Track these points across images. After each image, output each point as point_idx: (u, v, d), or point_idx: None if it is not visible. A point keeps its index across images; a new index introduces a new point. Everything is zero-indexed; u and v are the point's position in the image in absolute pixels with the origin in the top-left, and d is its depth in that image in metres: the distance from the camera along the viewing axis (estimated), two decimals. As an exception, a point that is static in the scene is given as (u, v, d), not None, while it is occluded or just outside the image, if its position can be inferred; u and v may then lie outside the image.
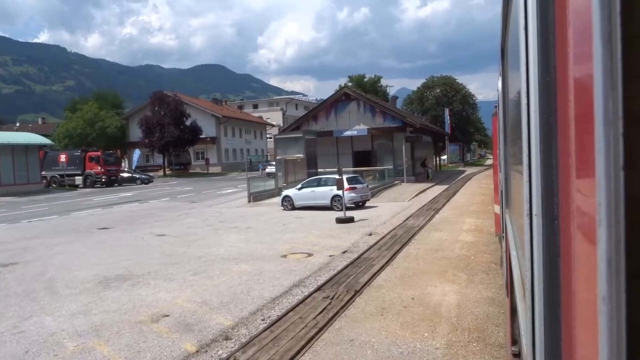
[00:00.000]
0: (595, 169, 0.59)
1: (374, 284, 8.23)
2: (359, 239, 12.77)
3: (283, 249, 11.82)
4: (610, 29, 0.56)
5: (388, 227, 14.43)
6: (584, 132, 0.67)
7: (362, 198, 19.67)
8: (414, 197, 23.11)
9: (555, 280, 1.00)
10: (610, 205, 0.57)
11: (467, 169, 50.57)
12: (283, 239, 13.36)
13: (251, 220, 17.71)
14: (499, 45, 3.34)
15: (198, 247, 12.75)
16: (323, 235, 13.50)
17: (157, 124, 49.60)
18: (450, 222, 14.97)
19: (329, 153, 32.77)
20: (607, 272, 0.57)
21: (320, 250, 11.45)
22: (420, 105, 59.63)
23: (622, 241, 0.56)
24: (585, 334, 0.70)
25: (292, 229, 14.94)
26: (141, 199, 29.58)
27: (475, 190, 25.71)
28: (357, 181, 19.95)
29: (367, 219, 16.42)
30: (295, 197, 20.26)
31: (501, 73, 3.72)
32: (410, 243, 11.74)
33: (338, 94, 30.88)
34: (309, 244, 12.31)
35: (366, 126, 30.73)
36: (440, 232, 13.17)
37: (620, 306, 0.56)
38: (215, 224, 17.25)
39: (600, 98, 0.57)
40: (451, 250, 10.66)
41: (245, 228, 15.81)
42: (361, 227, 14.55)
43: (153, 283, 9.14)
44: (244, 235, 14.23)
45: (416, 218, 15.94)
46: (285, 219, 17.75)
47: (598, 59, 0.57)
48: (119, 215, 21.72)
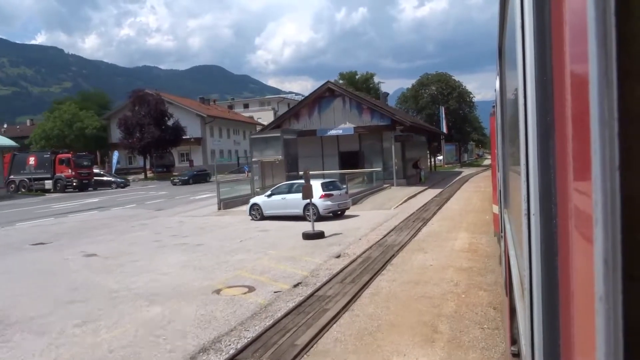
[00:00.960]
0: (592, 169, 0.59)
1: (316, 349, 5.62)
2: (323, 263, 10.15)
3: (222, 279, 9.21)
4: (605, 29, 0.56)
5: (363, 245, 11.81)
6: (581, 132, 0.67)
7: (340, 206, 17.06)
8: (402, 203, 20.49)
9: (553, 280, 1.01)
10: (607, 205, 0.57)
11: (464, 170, 47.86)
12: (231, 262, 10.74)
13: (208, 235, 15.09)
14: (497, 45, 3.36)
15: (121, 274, 10.15)
16: (280, 258, 10.88)
17: (137, 124, 46.94)
18: (439, 238, 12.35)
19: (313, 154, 30.15)
20: (604, 271, 0.57)
21: (267, 282, 8.82)
22: (415, 104, 56.88)
23: (618, 241, 0.57)
24: (583, 334, 0.71)
25: (247, 248, 12.31)
26: (105, 206, 26.96)
27: (471, 195, 23.07)
28: (334, 187, 17.34)
29: (341, 232, 13.80)
30: (264, 206, 17.64)
31: (499, 73, 3.79)
32: (384, 271, 9.12)
33: (321, 90, 28.21)
34: (257, 271, 9.69)
35: (352, 125, 28.10)
36: (425, 253, 10.56)
37: (617, 306, 0.56)
38: (164, 239, 14.64)
39: (596, 98, 0.58)
40: (435, 284, 8.04)
41: (194, 245, 13.19)
42: (330, 246, 11.93)
43: (16, 339, 6.53)
44: (187, 257, 11.61)
45: (399, 232, 13.32)
46: (247, 232, 15.13)
47: (593, 59, 0.58)
48: (67, 226, 19.10)
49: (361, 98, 29.10)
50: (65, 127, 53.01)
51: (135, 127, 46.92)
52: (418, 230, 13.63)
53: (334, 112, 28.37)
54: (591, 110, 0.59)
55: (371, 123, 27.82)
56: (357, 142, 29.85)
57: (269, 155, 24.91)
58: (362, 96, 31.61)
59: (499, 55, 3.33)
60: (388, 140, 28.13)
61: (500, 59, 3.29)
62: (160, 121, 47.91)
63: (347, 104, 28.12)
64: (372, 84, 59.37)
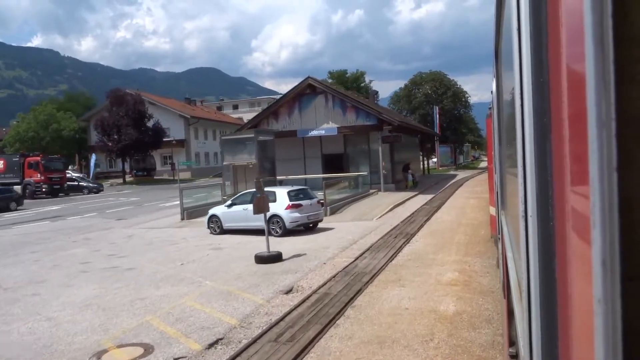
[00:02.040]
0: (589, 170, 0.59)
1: None
2: (265, 303, 7.66)
3: (120, 330, 6.73)
4: (602, 31, 0.56)
5: (326, 273, 9.34)
6: (578, 133, 0.67)
7: (311, 219, 14.56)
8: (386, 212, 18.02)
9: (551, 282, 1.01)
10: (604, 206, 0.57)
11: (459, 173, 45.33)
12: (150, 298, 8.26)
13: (149, 254, 12.61)
14: (493, 46, 3.39)
15: (0, 317, 7.67)
16: (214, 293, 8.39)
17: (114, 125, 44.33)
18: (423, 262, 9.89)
19: (294, 157, 27.72)
20: (602, 273, 0.57)
21: (175, 338, 6.33)
22: (407, 104, 54.35)
23: (616, 242, 0.56)
24: (582, 336, 0.71)
25: (182, 276, 9.81)
26: (63, 215, 24.42)
27: (465, 202, 20.60)
28: (305, 195, 14.85)
29: (305, 253, 11.32)
30: (224, 218, 15.15)
31: (495, 74, 3.84)
32: (340, 319, 6.65)
33: (301, 86, 25.69)
34: (173, 317, 7.19)
35: (336, 124, 25.63)
36: (402, 287, 8.09)
37: (616, 307, 0.56)
38: (96, 261, 12.17)
39: (593, 99, 0.58)
40: (407, 346, 5.58)
41: (124, 271, 10.71)
42: (285, 274, 9.45)
43: None
44: (102, 290, 9.11)
45: (375, 253, 10.84)
46: (196, 251, 12.64)
47: (590, 60, 0.58)
48: (0, 240, 16.61)
49: (345, 95, 26.61)
50: (41, 129, 50.39)
51: (112, 129, 44.32)
52: (399, 250, 11.17)
53: (316, 111, 25.91)
54: (589, 111, 0.58)
55: (356, 123, 25.37)
56: (341, 144, 27.42)
57: (241, 159, 22.41)
58: (346, 93, 29.14)
59: (495, 57, 3.39)
60: (375, 142, 25.69)
61: (497, 60, 3.35)
62: (140, 122, 45.27)
63: (330, 101, 25.66)
64: (363, 83, 56.76)
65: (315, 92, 25.84)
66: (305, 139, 27.26)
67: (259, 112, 29.22)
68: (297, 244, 12.55)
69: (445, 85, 53.91)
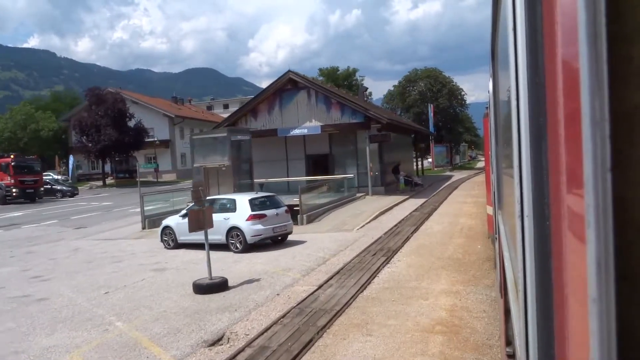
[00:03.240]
0: (584, 170, 0.60)
1: None
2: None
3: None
4: (596, 30, 0.57)
5: (275, 311, 7.20)
6: (573, 133, 0.67)
7: (277, 231, 12.39)
8: (370, 220, 15.90)
9: (547, 282, 1.00)
10: (599, 206, 0.57)
11: (455, 174, 43.12)
12: (26, 353, 6.14)
13: (79, 276, 10.52)
14: (489, 47, 3.37)
15: None
16: (116, 345, 6.24)
17: (92, 125, 42.14)
18: (402, 293, 7.76)
19: (275, 158, 25.63)
20: (597, 273, 0.57)
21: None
22: (401, 102, 52.12)
23: (611, 242, 0.57)
24: (578, 335, 0.71)
25: (90, 315, 7.64)
26: (20, 223, 22.35)
27: (459, 209, 18.45)
28: (271, 204, 12.70)
29: (259, 279, 9.17)
30: (178, 229, 13.00)
31: (492, 74, 3.80)
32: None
33: (281, 81, 23.49)
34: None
35: (320, 122, 23.50)
36: (369, 337, 5.97)
37: (610, 307, 0.57)
38: (11, 285, 10.15)
39: (587, 99, 0.58)
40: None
41: (32, 302, 8.60)
42: (221, 312, 7.29)
43: None
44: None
45: (344, 280, 8.71)
46: (133, 273, 10.50)
47: (584, 60, 0.58)
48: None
49: (329, 91, 24.42)
50: (19, 129, 48.16)
51: (90, 129, 42.12)
52: (375, 273, 9.05)
53: (298, 108, 23.78)
54: (582, 110, 0.59)
55: (341, 120, 23.24)
56: (327, 144, 25.29)
57: (213, 160, 20.30)
58: (331, 89, 26.99)
59: (492, 57, 3.38)
60: (363, 141, 23.58)
61: (493, 60, 3.34)
62: (120, 122, 43.06)
63: (313, 97, 23.53)
64: (355, 80, 54.37)
65: (297, 87, 23.70)
66: (288, 139, 25.16)
67: (236, 110, 27.04)
68: (256, 265, 10.43)
69: (441, 82, 51.64)
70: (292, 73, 23.40)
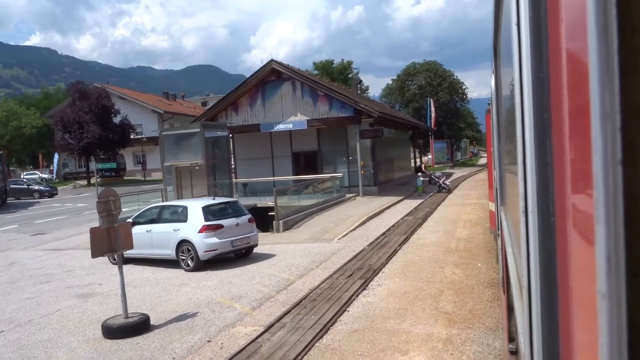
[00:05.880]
0: (593, 164, 0.58)
1: None
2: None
3: None
4: (606, 21, 0.55)
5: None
6: (580, 127, 0.66)
7: (236, 245, 10.32)
8: (355, 228, 13.86)
9: (552, 278, 0.99)
10: (609, 202, 0.56)
11: (456, 171, 40.96)
12: None
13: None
14: (492, 42, 3.34)
15: None
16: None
17: (75, 121, 40.13)
18: (374, 341, 5.74)
19: (259, 156, 23.65)
20: (607, 269, 0.56)
21: None
22: (400, 96, 49.91)
23: (621, 238, 0.55)
24: (584, 331, 0.70)
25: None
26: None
27: (458, 214, 16.35)
28: (232, 211, 10.67)
29: (196, 313, 7.17)
30: (123, 242, 10.98)
31: (494, 70, 3.76)
32: None
33: (263, 71, 21.38)
34: None
35: (306, 117, 21.46)
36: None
37: (621, 303, 0.56)
38: None
39: (597, 92, 0.56)
40: None
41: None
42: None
43: None
44: None
45: (303, 316, 6.68)
46: (51, 301, 8.55)
47: (594, 52, 0.56)
48: None
49: (315, 82, 22.31)
50: (0, 126, 46.24)
51: (73, 125, 40.11)
52: (344, 306, 7.02)
53: (282, 101, 21.74)
54: (592, 103, 0.57)
55: (329, 114, 21.19)
56: (315, 140, 23.30)
57: (185, 159, 18.30)
58: (316, 79, 24.87)
59: (494, 53, 3.36)
60: (354, 137, 21.54)
61: (496, 56, 3.32)
62: (104, 118, 41.07)
63: (298, 89, 21.47)
64: (351, 74, 52.08)
65: (280, 78, 21.65)
66: (273, 135, 23.16)
67: (214, 104, 24.99)
68: (202, 290, 8.42)
69: (441, 76, 49.36)
70: (275, 63, 21.35)
